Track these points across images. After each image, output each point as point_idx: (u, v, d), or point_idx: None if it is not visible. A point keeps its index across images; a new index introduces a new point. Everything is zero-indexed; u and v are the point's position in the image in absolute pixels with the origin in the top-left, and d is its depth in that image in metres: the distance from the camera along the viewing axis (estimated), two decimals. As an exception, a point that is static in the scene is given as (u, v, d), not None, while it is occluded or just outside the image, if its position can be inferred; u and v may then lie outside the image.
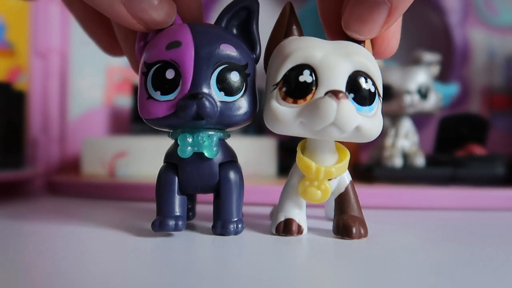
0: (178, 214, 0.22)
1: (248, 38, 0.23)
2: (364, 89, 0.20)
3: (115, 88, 0.55)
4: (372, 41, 0.23)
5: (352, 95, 0.20)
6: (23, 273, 0.16)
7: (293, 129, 0.21)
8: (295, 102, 0.20)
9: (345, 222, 0.22)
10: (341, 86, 0.20)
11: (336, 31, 0.23)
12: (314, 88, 0.20)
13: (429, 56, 0.42)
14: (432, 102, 0.41)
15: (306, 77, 0.20)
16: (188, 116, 0.20)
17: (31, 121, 0.50)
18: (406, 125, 0.42)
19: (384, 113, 0.41)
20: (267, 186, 0.33)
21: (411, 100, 0.39)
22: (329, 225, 0.23)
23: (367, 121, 0.20)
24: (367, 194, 0.34)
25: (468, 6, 0.55)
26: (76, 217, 0.29)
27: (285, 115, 0.20)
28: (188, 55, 0.20)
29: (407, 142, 0.41)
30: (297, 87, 0.20)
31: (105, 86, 0.55)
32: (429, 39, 0.56)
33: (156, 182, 0.22)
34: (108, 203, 0.35)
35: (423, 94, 0.40)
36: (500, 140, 0.53)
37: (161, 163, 0.27)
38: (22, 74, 0.50)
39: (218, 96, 0.21)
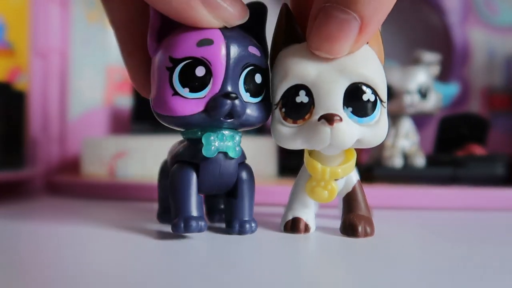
0: (198, 214, 0.21)
1: (258, 41, 0.22)
2: (363, 100, 0.20)
3: (115, 88, 0.55)
4: None
5: (350, 109, 0.20)
6: (23, 273, 0.16)
7: (298, 146, 0.21)
8: (295, 122, 0.21)
9: (351, 221, 0.22)
10: (337, 104, 0.20)
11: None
12: (312, 106, 0.20)
13: (429, 56, 0.42)
14: (432, 102, 0.41)
15: (302, 97, 0.20)
16: (221, 114, 0.20)
17: (31, 121, 0.50)
18: (406, 125, 0.42)
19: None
20: (267, 186, 0.33)
21: (411, 100, 0.39)
22: (335, 224, 0.24)
23: (368, 131, 0.21)
24: (367, 194, 0.34)
25: (468, 6, 0.55)
26: (76, 217, 0.29)
27: (287, 135, 0.21)
28: (221, 54, 0.20)
29: (407, 142, 0.41)
30: (294, 108, 0.21)
31: (105, 86, 0.55)
32: (429, 39, 0.56)
33: (170, 181, 0.22)
34: (108, 203, 0.35)
35: (423, 94, 0.40)
36: (500, 140, 0.53)
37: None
38: (22, 74, 0.50)
39: (245, 97, 0.21)
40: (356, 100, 0.20)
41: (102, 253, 0.20)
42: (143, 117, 0.49)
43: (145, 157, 0.42)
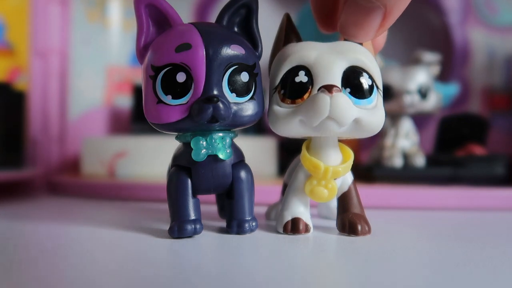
0: (194, 217, 0.22)
1: (249, 36, 0.23)
2: (360, 82, 0.21)
3: (115, 88, 0.55)
4: None
5: (348, 89, 0.21)
6: (23, 273, 0.16)
7: (294, 128, 0.21)
8: (293, 102, 0.21)
9: (350, 220, 0.22)
10: (336, 81, 0.21)
11: (329, 24, 0.24)
12: (310, 87, 0.21)
13: (429, 56, 0.42)
14: (432, 102, 0.41)
15: (301, 77, 0.21)
16: (204, 119, 0.20)
17: (31, 121, 0.50)
18: (406, 125, 0.42)
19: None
20: (267, 186, 0.33)
21: (411, 100, 0.39)
22: (329, 223, 0.24)
23: (366, 114, 0.21)
24: (367, 194, 0.34)
25: (468, 6, 0.55)
26: (76, 217, 0.29)
27: (285, 115, 0.21)
28: (199, 58, 0.20)
29: (407, 142, 0.41)
30: (294, 88, 0.21)
31: (105, 86, 0.55)
32: (429, 39, 0.56)
33: (167, 186, 0.22)
34: (108, 203, 0.35)
35: (423, 94, 0.40)
36: (500, 140, 0.53)
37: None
38: (22, 74, 0.50)
39: (231, 98, 0.21)
40: (353, 81, 0.21)
41: (102, 253, 0.20)
42: (143, 117, 0.49)
43: (145, 157, 0.42)
